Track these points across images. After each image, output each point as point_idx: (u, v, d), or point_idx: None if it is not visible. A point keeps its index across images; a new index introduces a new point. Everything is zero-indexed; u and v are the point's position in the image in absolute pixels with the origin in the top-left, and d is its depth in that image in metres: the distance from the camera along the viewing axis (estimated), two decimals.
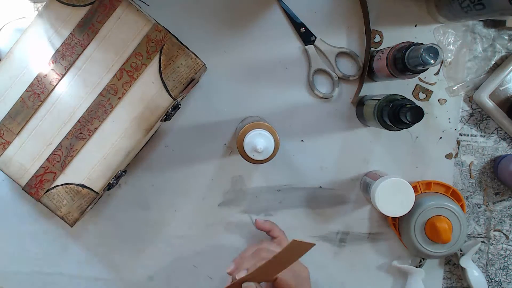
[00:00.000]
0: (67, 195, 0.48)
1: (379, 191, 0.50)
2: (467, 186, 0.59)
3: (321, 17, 0.56)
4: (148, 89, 0.47)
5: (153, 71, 0.47)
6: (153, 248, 0.59)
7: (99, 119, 0.47)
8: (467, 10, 0.48)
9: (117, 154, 0.48)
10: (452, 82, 0.57)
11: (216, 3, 0.55)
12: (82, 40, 0.47)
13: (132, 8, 0.47)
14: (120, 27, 0.47)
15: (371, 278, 0.60)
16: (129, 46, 0.47)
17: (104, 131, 0.48)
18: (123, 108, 0.47)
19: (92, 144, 0.48)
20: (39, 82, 0.47)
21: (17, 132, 0.48)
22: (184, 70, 0.47)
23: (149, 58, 0.47)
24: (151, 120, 0.48)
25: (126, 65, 0.47)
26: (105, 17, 0.46)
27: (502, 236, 0.60)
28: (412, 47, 0.44)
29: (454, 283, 0.60)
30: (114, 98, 0.47)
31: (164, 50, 0.47)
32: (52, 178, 0.48)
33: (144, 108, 0.47)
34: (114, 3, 0.46)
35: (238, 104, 0.57)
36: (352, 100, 0.57)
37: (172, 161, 0.57)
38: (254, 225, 0.57)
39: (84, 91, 0.47)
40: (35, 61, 0.47)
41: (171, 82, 0.47)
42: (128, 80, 0.47)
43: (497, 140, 0.59)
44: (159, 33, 0.47)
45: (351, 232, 0.59)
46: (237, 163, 0.58)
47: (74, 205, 0.48)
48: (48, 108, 0.48)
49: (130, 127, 0.48)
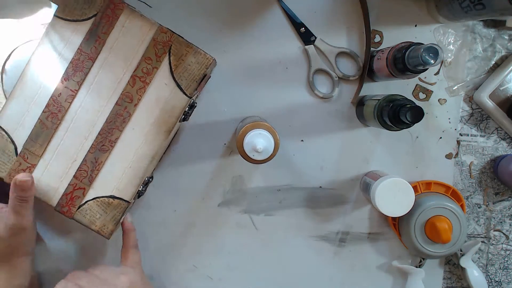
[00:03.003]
0: (99, 209, 0.48)
1: (379, 191, 0.50)
2: (467, 186, 0.59)
3: (321, 17, 0.56)
4: (162, 92, 0.47)
5: (164, 73, 0.47)
6: (152, 248, 0.59)
7: (119, 128, 0.47)
8: (467, 10, 0.48)
9: (141, 161, 0.48)
10: (452, 82, 0.57)
11: (216, 3, 0.55)
12: (91, 53, 0.47)
13: (135, 14, 0.47)
14: (125, 35, 0.47)
15: (371, 278, 0.60)
16: (137, 52, 0.47)
17: (126, 139, 0.48)
18: (140, 114, 0.48)
19: (116, 155, 0.48)
20: (55, 101, 0.47)
21: (41, 154, 0.48)
22: (195, 67, 0.47)
23: (159, 61, 0.47)
24: (170, 122, 0.48)
25: (137, 71, 0.47)
26: (109, 27, 0.47)
27: (502, 236, 0.60)
28: (412, 47, 0.44)
29: (454, 283, 0.60)
30: (130, 105, 0.47)
31: (173, 51, 0.47)
32: (82, 194, 0.48)
33: (161, 111, 0.47)
34: (116, 12, 0.46)
35: (238, 104, 0.57)
36: (352, 100, 0.57)
37: (172, 161, 0.57)
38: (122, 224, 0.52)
39: (100, 103, 0.47)
40: (48, 81, 0.47)
41: (184, 81, 0.47)
42: (141, 86, 0.47)
43: (497, 140, 0.59)
44: (165, 35, 0.47)
45: (351, 232, 0.59)
46: (237, 163, 0.58)
47: (107, 217, 0.48)
48: (67, 126, 0.48)
49: (150, 131, 0.48)
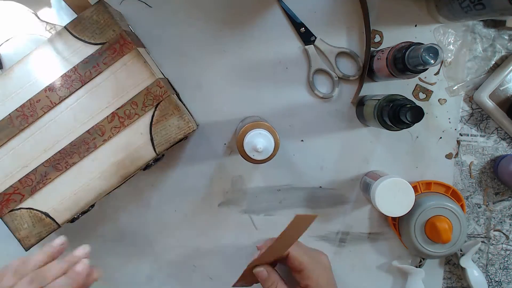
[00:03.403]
0: (29, 220, 0.48)
1: (379, 191, 0.50)
2: (467, 186, 0.59)
3: (321, 17, 0.56)
4: (134, 139, 0.47)
5: (144, 123, 0.47)
6: (153, 247, 0.59)
7: (80, 155, 0.47)
8: (467, 10, 0.48)
9: (88, 193, 0.48)
10: (452, 82, 0.57)
11: (216, 3, 0.55)
12: (83, 76, 0.47)
13: (139, 59, 0.47)
14: (123, 73, 0.47)
15: (371, 278, 0.60)
16: (127, 94, 0.47)
17: (82, 167, 0.48)
18: (106, 150, 0.47)
19: (67, 177, 0.48)
20: (31, 105, 0.47)
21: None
22: (175, 130, 0.47)
23: (143, 109, 0.47)
24: (130, 169, 0.48)
25: (119, 110, 0.47)
26: (111, 60, 0.47)
27: (502, 236, 0.60)
28: (412, 47, 0.44)
29: (454, 283, 0.60)
30: (99, 138, 0.47)
31: (160, 106, 0.47)
32: (19, 200, 0.48)
33: (126, 156, 0.47)
34: (124, 49, 0.46)
35: (238, 104, 0.57)
36: (352, 100, 0.57)
37: (172, 161, 0.57)
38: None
39: (72, 125, 0.47)
40: (32, 85, 0.47)
41: (159, 138, 0.47)
42: (117, 125, 0.47)
43: (497, 140, 0.59)
44: (160, 89, 0.47)
45: (351, 232, 0.59)
46: (237, 163, 0.58)
47: (34, 231, 0.48)
48: (33, 132, 0.47)
49: (108, 170, 0.48)
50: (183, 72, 0.56)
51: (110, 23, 0.46)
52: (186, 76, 0.56)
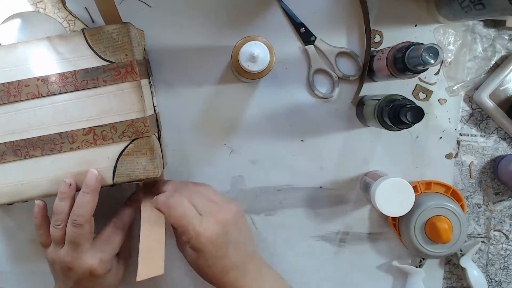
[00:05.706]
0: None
1: (379, 191, 0.50)
2: (467, 186, 0.59)
3: (321, 17, 0.56)
4: (99, 160, 0.47)
5: (115, 150, 0.47)
6: None
7: (43, 151, 0.47)
8: (467, 10, 0.48)
9: (35, 189, 0.48)
10: (452, 82, 0.57)
11: (216, 3, 0.55)
12: (79, 83, 0.46)
13: (137, 92, 0.47)
14: (117, 97, 0.46)
15: (371, 278, 0.60)
16: (112, 117, 0.47)
17: (39, 163, 0.47)
18: (68, 158, 0.47)
19: (21, 166, 0.47)
20: (19, 86, 0.46)
21: None
22: (139, 169, 0.47)
23: (120, 137, 0.47)
24: (81, 185, 0.47)
25: (98, 128, 0.47)
26: (111, 81, 0.46)
27: (502, 236, 0.60)
28: (412, 47, 0.44)
29: (454, 283, 0.60)
30: (68, 145, 0.47)
31: (136, 142, 0.47)
32: None
33: (84, 172, 0.47)
34: (128, 77, 0.46)
35: (238, 104, 0.57)
36: (352, 100, 0.57)
37: (172, 161, 0.57)
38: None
39: (49, 121, 0.47)
40: (28, 69, 0.47)
41: (122, 169, 0.47)
42: (90, 140, 0.47)
43: (497, 140, 0.59)
44: (144, 127, 0.47)
45: (351, 232, 0.59)
46: (237, 163, 0.58)
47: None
48: (9, 111, 0.47)
49: (62, 177, 0.47)
50: (183, 72, 0.56)
51: (125, 48, 0.46)
52: (186, 76, 0.56)
